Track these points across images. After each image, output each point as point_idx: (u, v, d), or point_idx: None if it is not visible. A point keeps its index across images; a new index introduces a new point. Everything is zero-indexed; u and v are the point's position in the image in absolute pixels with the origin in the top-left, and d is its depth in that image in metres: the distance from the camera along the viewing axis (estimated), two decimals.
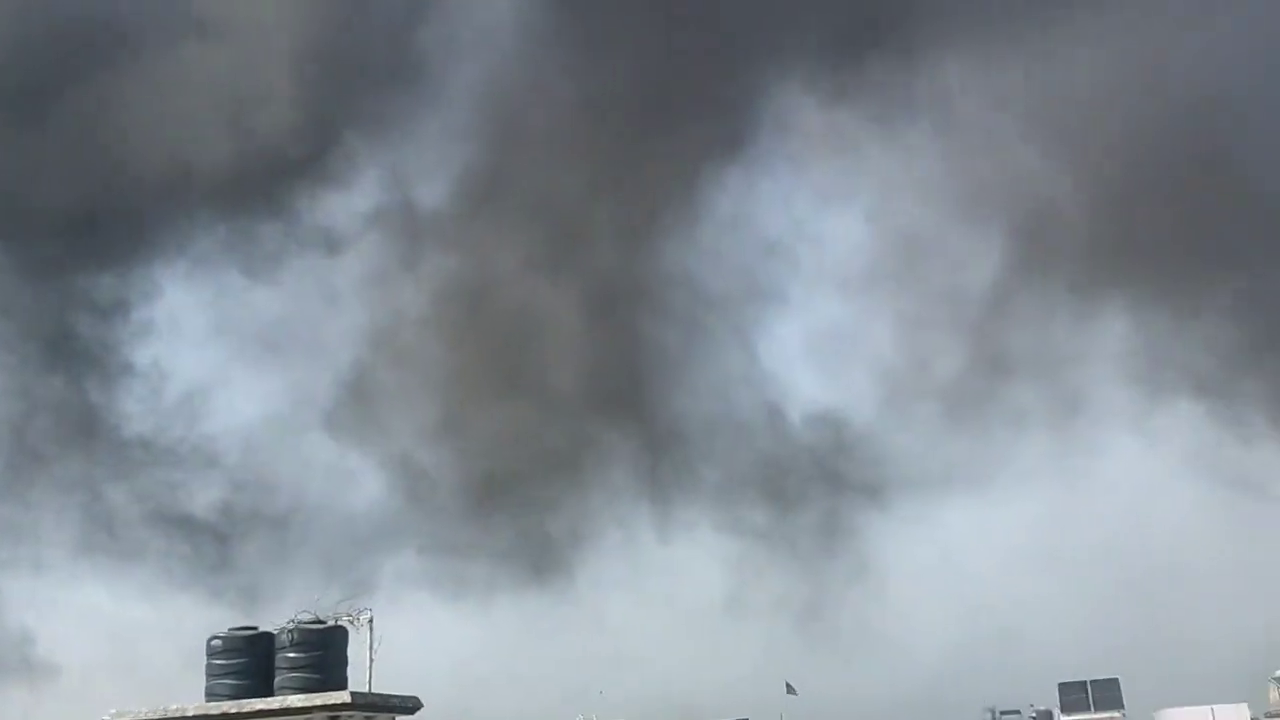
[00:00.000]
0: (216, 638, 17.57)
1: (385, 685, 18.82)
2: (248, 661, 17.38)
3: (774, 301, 38.01)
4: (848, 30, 34.67)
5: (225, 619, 22.34)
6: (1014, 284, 33.80)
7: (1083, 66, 31.87)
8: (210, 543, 37.47)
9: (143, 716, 16.99)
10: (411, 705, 18.72)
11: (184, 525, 38.44)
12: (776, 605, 35.60)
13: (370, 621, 18.34)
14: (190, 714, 16.80)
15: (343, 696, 17.39)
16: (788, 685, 32.23)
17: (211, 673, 17.46)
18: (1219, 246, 31.13)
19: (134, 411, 38.57)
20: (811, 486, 36.32)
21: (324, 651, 17.73)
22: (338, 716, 17.47)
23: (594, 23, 37.33)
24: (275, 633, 17.77)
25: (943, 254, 35.64)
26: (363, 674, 18.30)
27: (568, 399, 36.79)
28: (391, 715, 18.39)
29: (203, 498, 37.03)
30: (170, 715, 16.83)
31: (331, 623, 18.01)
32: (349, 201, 39.23)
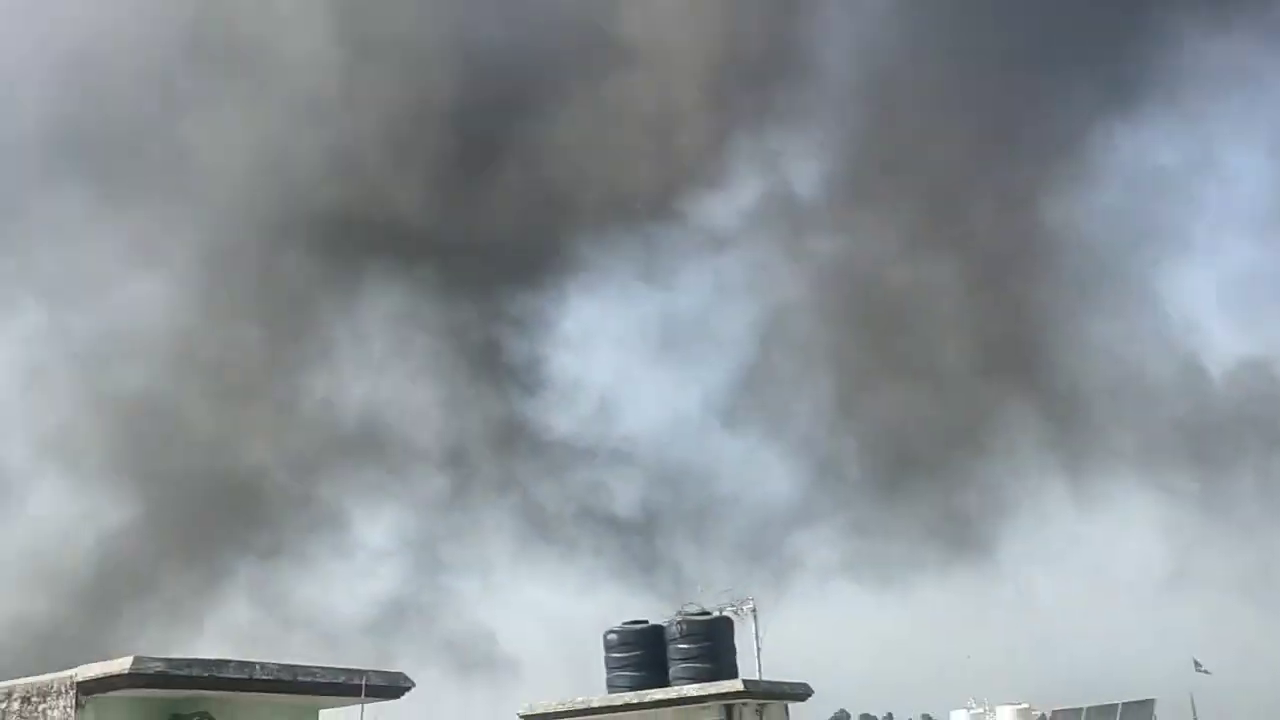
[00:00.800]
0: (612, 632, 18.67)
1: (780, 674, 19.29)
2: (642, 654, 18.38)
3: (1176, 249, 35.08)
4: None
5: (656, 610, 23.29)
6: None
7: None
8: (635, 537, 39.71)
9: (553, 709, 18.40)
10: (802, 693, 19.08)
11: (609, 522, 40.98)
12: (1217, 575, 33.02)
13: (754, 611, 18.90)
14: (595, 705, 18.01)
15: (735, 685, 17.99)
16: (1195, 663, 29.84)
17: (610, 665, 18.59)
18: None
19: (555, 417, 41.53)
20: (1244, 444, 33.31)
21: (712, 642, 18.45)
22: (732, 705, 18.11)
23: None
24: (665, 625, 18.67)
25: None
26: (752, 662, 18.93)
27: (962, 372, 35.91)
28: (784, 703, 18.84)
29: (624, 495, 39.27)
30: (576, 707, 18.13)
31: (716, 614, 18.71)
32: (732, 198, 40.29)
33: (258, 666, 11.61)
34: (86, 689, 10.47)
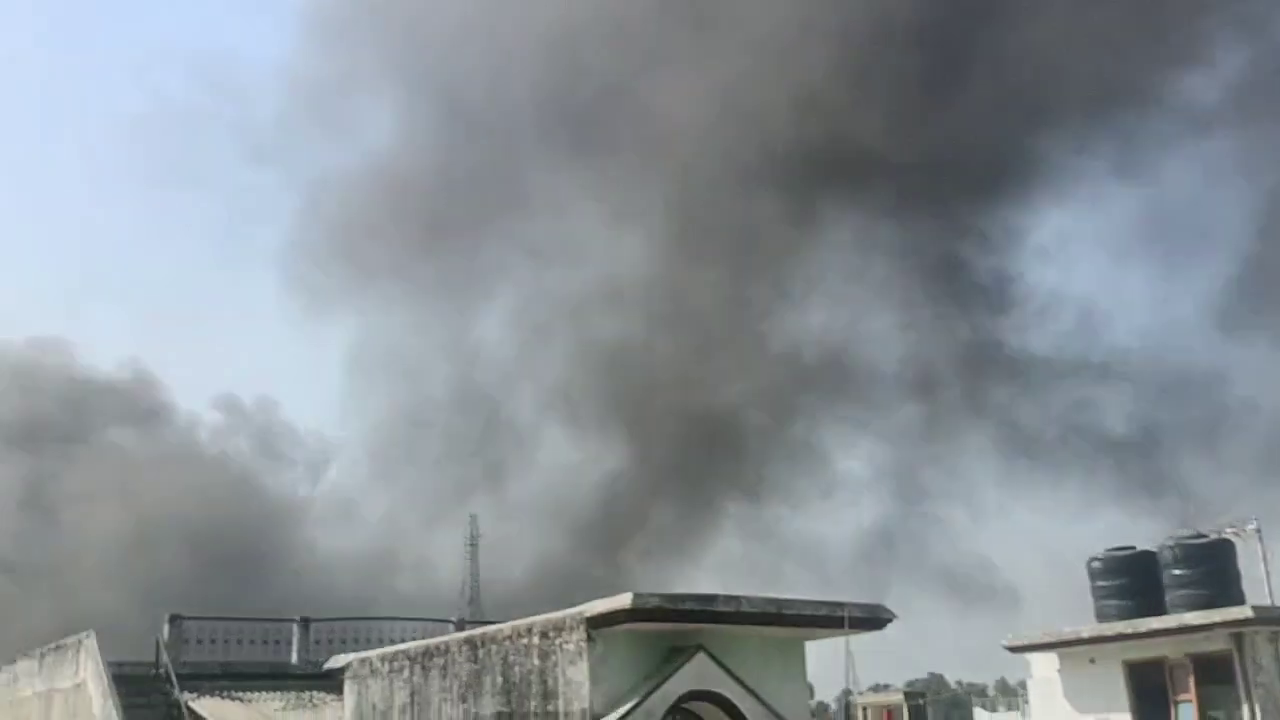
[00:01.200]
0: (1096, 560, 17.83)
1: None
2: (1130, 581, 17.46)
3: None
4: None
5: (1158, 534, 21.65)
6: None
7: None
8: (1132, 456, 37.44)
9: (1038, 640, 17.89)
10: None
11: (1102, 441, 38.92)
12: None
13: (1259, 532, 17.49)
14: (1084, 635, 17.33)
15: (1244, 611, 16.70)
16: None
17: (1097, 594, 17.78)
18: None
19: (1032, 334, 39.87)
20: None
21: (1211, 567, 17.23)
22: (1241, 633, 16.88)
23: None
24: (1157, 551, 17.63)
25: None
26: (1259, 588, 17.55)
27: None
28: None
29: (1116, 412, 37.07)
30: (1064, 638, 17.51)
31: (1214, 537, 17.47)
32: (1217, 73, 36.58)
33: (744, 600, 12.23)
34: (594, 624, 11.54)
